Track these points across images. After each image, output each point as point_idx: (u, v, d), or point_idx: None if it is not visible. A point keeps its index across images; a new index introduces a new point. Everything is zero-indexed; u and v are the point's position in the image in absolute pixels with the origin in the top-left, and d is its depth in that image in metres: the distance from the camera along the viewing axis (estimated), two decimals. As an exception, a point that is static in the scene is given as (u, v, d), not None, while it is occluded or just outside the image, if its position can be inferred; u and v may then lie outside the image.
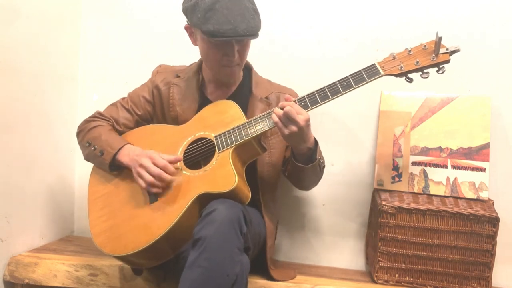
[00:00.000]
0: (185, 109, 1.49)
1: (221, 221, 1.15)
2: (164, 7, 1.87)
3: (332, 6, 1.76)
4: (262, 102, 1.49)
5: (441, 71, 1.31)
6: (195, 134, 1.40)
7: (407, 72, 1.32)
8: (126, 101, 1.56)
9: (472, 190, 1.57)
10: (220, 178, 1.28)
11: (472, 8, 1.68)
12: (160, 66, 1.61)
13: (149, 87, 1.56)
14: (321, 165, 1.43)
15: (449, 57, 1.30)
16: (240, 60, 1.42)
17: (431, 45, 1.31)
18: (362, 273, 1.69)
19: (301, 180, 1.50)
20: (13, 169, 1.58)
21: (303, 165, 1.37)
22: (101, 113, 1.53)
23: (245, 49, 1.42)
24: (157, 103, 1.54)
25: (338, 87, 1.31)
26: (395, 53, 1.33)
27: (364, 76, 1.31)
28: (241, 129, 1.34)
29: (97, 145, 1.42)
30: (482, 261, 1.47)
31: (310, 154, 1.37)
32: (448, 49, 1.29)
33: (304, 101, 1.32)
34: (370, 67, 1.32)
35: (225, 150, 1.33)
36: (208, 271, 1.11)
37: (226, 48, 1.37)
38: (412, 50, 1.33)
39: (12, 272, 1.54)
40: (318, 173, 1.44)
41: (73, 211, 1.95)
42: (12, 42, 1.56)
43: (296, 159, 1.39)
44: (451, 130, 1.61)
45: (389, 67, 1.32)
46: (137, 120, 1.54)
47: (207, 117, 1.42)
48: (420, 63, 1.30)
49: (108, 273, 1.51)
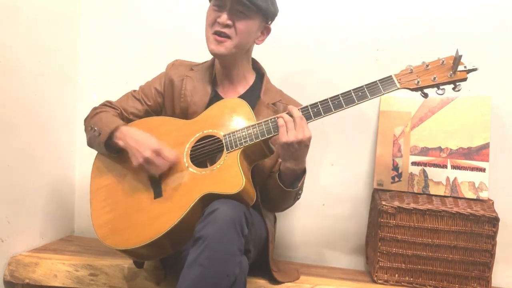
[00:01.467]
0: (195, 101, 1.48)
1: (223, 221, 1.15)
2: (164, 7, 1.87)
3: (332, 6, 1.76)
4: (268, 108, 1.48)
5: (457, 88, 1.28)
6: (204, 131, 1.38)
7: (424, 87, 1.30)
8: (137, 92, 1.56)
9: (472, 190, 1.57)
10: (227, 179, 1.27)
11: (472, 7, 1.68)
12: (177, 60, 1.60)
13: (161, 78, 1.56)
14: (298, 195, 1.43)
15: (466, 75, 1.28)
16: (233, 32, 1.40)
17: (449, 61, 1.29)
18: (362, 273, 1.69)
19: (272, 198, 1.46)
20: (13, 169, 1.58)
21: (283, 187, 1.36)
22: (110, 102, 1.53)
23: (240, 24, 1.40)
24: (167, 94, 1.53)
25: (352, 97, 1.29)
26: (412, 66, 1.31)
27: (380, 88, 1.29)
28: (251, 130, 1.32)
29: (97, 127, 1.41)
30: (482, 261, 1.47)
31: (294, 179, 1.36)
32: (466, 67, 1.27)
33: (317, 108, 1.30)
34: (386, 79, 1.30)
35: (233, 150, 1.31)
36: (208, 270, 1.11)
37: (221, 11, 1.39)
38: (430, 64, 1.30)
39: (12, 272, 1.54)
40: (290, 201, 1.43)
41: (73, 211, 1.95)
42: (12, 42, 1.56)
43: (280, 177, 1.38)
44: (451, 130, 1.61)
45: (406, 80, 1.30)
46: (146, 110, 1.54)
47: (216, 114, 1.41)
48: (438, 80, 1.28)
49: (108, 273, 1.52)
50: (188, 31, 1.81)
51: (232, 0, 1.37)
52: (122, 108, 1.51)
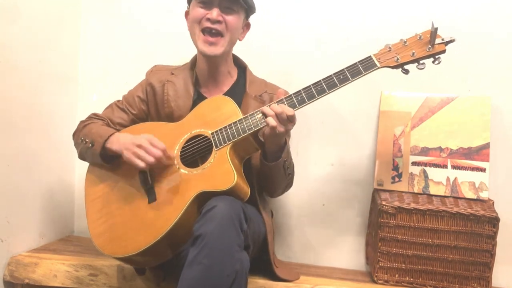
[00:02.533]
0: (179, 105, 1.49)
1: (221, 218, 1.15)
2: (164, 7, 1.87)
3: (333, 6, 1.76)
4: (256, 100, 1.49)
5: (437, 61, 1.29)
6: (191, 132, 1.39)
7: (403, 64, 1.30)
8: (121, 102, 1.57)
9: (472, 190, 1.57)
10: (219, 176, 1.27)
11: (472, 7, 1.68)
12: (155, 66, 1.62)
13: (142, 86, 1.57)
14: (286, 168, 1.41)
15: (444, 47, 1.28)
16: (224, 29, 1.41)
17: (427, 35, 1.29)
18: (362, 273, 1.69)
19: (264, 180, 1.47)
20: (13, 169, 1.58)
21: (267, 163, 1.37)
22: (96, 114, 1.55)
23: (230, 19, 1.42)
24: (150, 101, 1.54)
25: (334, 80, 1.29)
26: (390, 44, 1.32)
27: (360, 69, 1.30)
28: (237, 125, 1.32)
29: (88, 138, 1.42)
30: (482, 261, 1.47)
31: (277, 151, 1.36)
32: (443, 39, 1.28)
33: (301, 95, 1.30)
34: (366, 59, 1.31)
35: (222, 147, 1.32)
36: (208, 268, 1.11)
37: (209, 8, 1.40)
38: (408, 41, 1.31)
39: (12, 272, 1.54)
40: (281, 175, 1.42)
41: (73, 211, 1.95)
42: (12, 42, 1.56)
43: (265, 156, 1.39)
44: (451, 130, 1.61)
45: (385, 59, 1.30)
46: (132, 119, 1.55)
47: (202, 114, 1.41)
48: (416, 54, 1.29)
49: (108, 273, 1.51)
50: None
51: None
52: (109, 119, 1.52)
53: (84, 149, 1.44)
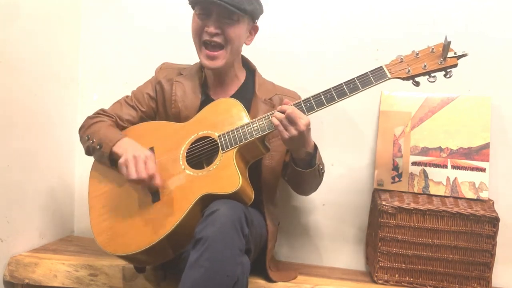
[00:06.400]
0: (187, 105, 1.49)
1: (223, 221, 1.14)
2: (164, 7, 1.87)
3: (332, 6, 1.76)
4: (266, 103, 1.48)
5: (448, 75, 1.30)
6: (198, 133, 1.39)
7: (415, 76, 1.30)
8: (130, 98, 1.56)
9: (472, 190, 1.57)
10: (224, 179, 1.27)
11: (472, 7, 1.67)
12: (164, 63, 1.61)
13: (152, 83, 1.57)
14: (321, 170, 1.42)
15: (457, 61, 1.28)
16: (223, 41, 1.40)
17: (439, 48, 1.29)
18: (362, 273, 1.69)
19: (299, 184, 1.50)
20: (13, 169, 1.58)
21: (302, 170, 1.37)
22: (104, 110, 1.53)
23: (230, 31, 1.39)
24: (159, 99, 1.54)
25: (344, 89, 1.29)
26: (402, 55, 1.32)
27: (371, 79, 1.30)
28: (245, 129, 1.32)
29: (95, 138, 1.42)
30: (482, 261, 1.47)
31: (309, 159, 1.36)
32: (456, 53, 1.28)
33: (310, 102, 1.30)
34: (377, 70, 1.31)
35: (229, 150, 1.31)
36: (209, 271, 1.10)
37: (207, 19, 1.38)
38: (420, 53, 1.31)
39: (12, 272, 1.54)
40: (317, 179, 1.43)
41: (73, 211, 1.95)
42: (13, 42, 1.56)
43: (296, 163, 1.38)
44: (451, 130, 1.61)
45: (396, 70, 1.31)
46: (141, 116, 1.54)
47: (210, 116, 1.41)
48: (428, 67, 1.29)
49: (108, 273, 1.51)
50: (188, 31, 1.81)
51: (217, 8, 1.36)
52: (117, 115, 1.52)
53: (91, 148, 1.44)
